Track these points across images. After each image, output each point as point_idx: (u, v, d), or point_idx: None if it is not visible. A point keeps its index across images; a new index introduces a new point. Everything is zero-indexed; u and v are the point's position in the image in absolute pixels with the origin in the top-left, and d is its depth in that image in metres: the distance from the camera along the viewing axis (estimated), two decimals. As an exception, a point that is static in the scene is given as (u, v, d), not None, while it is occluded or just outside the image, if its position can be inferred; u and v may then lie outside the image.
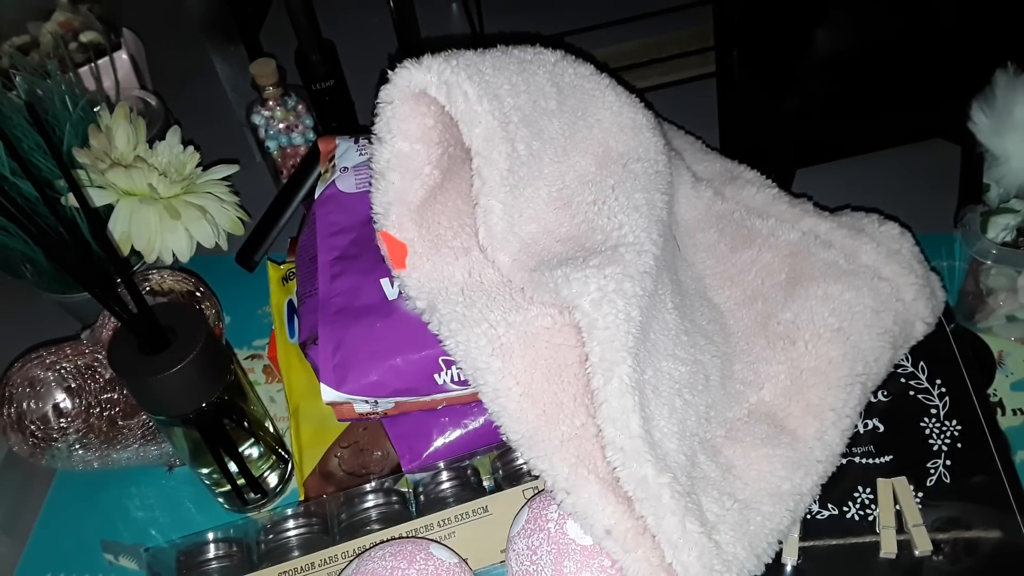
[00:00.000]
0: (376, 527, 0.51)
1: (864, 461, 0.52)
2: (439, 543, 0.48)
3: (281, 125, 0.73)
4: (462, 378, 0.50)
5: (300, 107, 0.73)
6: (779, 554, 0.48)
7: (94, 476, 0.61)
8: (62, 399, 0.56)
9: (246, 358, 0.68)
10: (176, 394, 0.48)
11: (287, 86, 0.73)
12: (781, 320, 0.53)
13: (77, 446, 0.56)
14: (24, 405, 0.55)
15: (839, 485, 0.51)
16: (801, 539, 0.49)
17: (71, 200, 0.55)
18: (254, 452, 0.57)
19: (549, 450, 0.45)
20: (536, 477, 0.47)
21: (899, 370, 0.56)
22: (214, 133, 0.79)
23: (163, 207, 0.60)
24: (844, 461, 0.51)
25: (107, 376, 0.56)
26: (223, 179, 0.65)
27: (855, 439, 0.52)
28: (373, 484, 0.53)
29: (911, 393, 0.55)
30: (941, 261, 0.64)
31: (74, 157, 0.59)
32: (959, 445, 0.52)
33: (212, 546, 0.51)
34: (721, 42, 0.72)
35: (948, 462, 0.51)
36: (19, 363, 0.56)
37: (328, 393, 0.51)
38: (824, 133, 0.71)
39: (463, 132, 0.47)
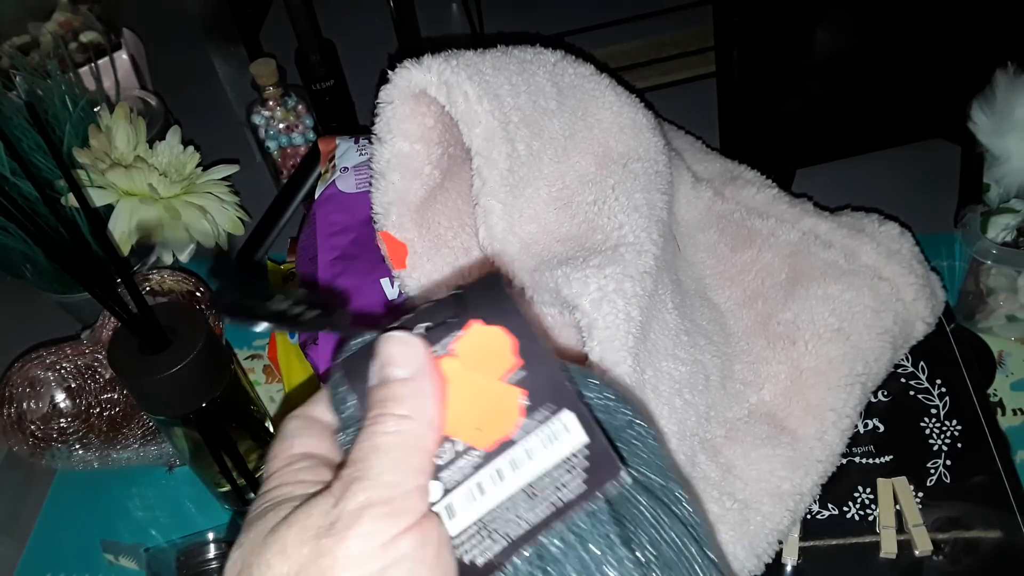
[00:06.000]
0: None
1: (864, 461, 0.52)
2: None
3: (281, 125, 0.73)
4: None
5: (300, 107, 0.73)
6: (779, 554, 0.48)
7: (94, 476, 0.61)
8: (62, 399, 0.56)
9: (246, 358, 0.68)
10: (176, 394, 0.48)
11: (287, 86, 0.73)
12: (781, 320, 0.53)
13: (77, 446, 0.56)
14: (24, 405, 0.55)
15: (839, 485, 0.51)
16: (801, 539, 0.49)
17: (71, 200, 0.55)
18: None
19: (549, 450, 0.45)
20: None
21: (899, 370, 0.56)
22: (214, 133, 0.79)
23: (163, 207, 0.60)
24: (844, 461, 0.51)
25: (107, 376, 0.56)
26: (223, 179, 0.65)
27: (855, 439, 0.52)
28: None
29: (911, 393, 0.55)
30: (941, 261, 0.64)
31: (74, 157, 0.59)
32: (959, 445, 0.52)
33: (212, 546, 0.51)
34: (721, 42, 0.72)
35: (948, 462, 0.51)
36: (19, 363, 0.56)
37: (328, 393, 0.51)
38: (824, 133, 0.71)
39: (463, 132, 0.47)
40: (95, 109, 0.64)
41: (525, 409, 0.25)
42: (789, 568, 0.49)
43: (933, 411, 0.54)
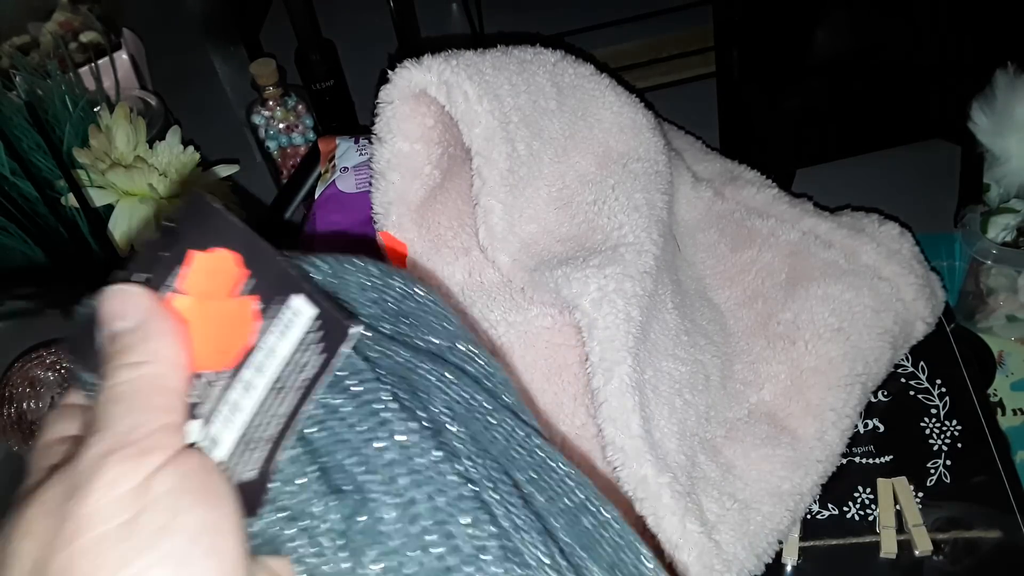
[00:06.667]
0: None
1: (864, 461, 0.52)
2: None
3: (281, 125, 0.73)
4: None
5: (300, 107, 0.73)
6: (779, 554, 0.48)
7: (94, 476, 0.61)
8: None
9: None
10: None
11: (287, 86, 0.72)
12: (781, 320, 0.53)
13: (77, 446, 0.56)
14: (24, 405, 0.55)
15: (839, 485, 0.51)
16: (801, 539, 0.49)
17: (71, 200, 0.55)
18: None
19: (549, 450, 0.45)
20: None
21: (899, 370, 0.56)
22: (214, 133, 0.79)
23: (163, 207, 0.60)
24: (844, 461, 0.51)
25: (107, 376, 0.56)
26: (223, 179, 0.65)
27: (855, 439, 0.52)
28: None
29: (911, 393, 0.55)
30: (941, 261, 0.64)
31: (74, 157, 0.59)
32: (959, 445, 0.52)
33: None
34: (721, 42, 0.72)
35: (948, 462, 0.51)
36: (19, 363, 0.56)
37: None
38: (824, 133, 0.71)
39: (463, 132, 0.47)
40: (95, 109, 0.64)
41: (260, 313, 0.24)
42: (789, 568, 0.49)
43: (933, 411, 0.54)
